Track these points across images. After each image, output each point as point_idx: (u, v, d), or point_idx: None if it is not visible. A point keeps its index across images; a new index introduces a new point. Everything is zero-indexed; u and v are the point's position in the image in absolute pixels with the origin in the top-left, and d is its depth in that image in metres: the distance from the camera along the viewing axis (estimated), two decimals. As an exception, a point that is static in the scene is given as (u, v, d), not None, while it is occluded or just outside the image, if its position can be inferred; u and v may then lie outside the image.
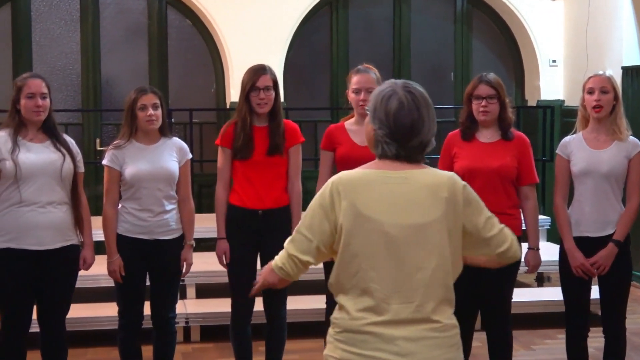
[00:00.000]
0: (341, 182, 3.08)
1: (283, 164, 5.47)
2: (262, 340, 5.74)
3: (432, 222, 3.06)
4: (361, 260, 3.04)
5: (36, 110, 5.07)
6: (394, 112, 3.08)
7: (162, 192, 5.38)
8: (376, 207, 3.04)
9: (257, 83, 5.38)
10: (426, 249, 3.06)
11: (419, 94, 3.13)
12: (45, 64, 9.73)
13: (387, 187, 3.06)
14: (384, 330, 3.00)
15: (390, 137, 3.10)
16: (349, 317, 3.06)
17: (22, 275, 5.06)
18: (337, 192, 3.07)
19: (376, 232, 3.03)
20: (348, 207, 3.04)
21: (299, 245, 3.15)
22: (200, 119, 9.74)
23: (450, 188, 3.12)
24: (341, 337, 3.08)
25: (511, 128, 5.35)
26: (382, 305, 3.02)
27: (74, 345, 6.02)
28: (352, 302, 3.06)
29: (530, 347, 7.08)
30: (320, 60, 10.36)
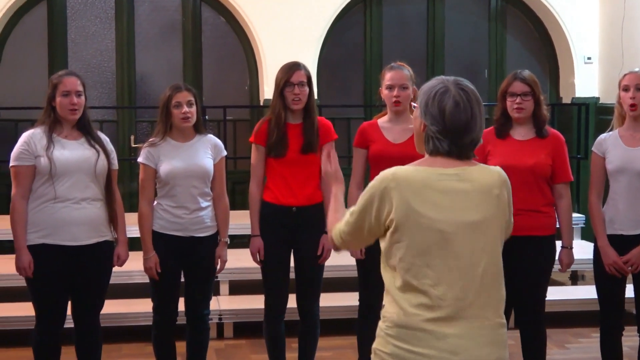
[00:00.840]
0: (395, 177, 3.06)
1: (317, 162, 5.47)
2: (295, 337, 5.75)
3: (485, 220, 3.08)
4: (414, 257, 3.03)
5: (71, 108, 5.11)
6: (449, 111, 3.07)
7: (197, 189, 5.40)
8: (430, 205, 3.03)
9: (291, 79, 5.39)
10: (479, 246, 3.06)
11: (472, 91, 3.12)
12: (80, 61, 9.79)
13: (441, 184, 3.05)
14: (436, 328, 2.99)
15: (443, 134, 3.09)
16: (402, 313, 3.04)
17: (57, 271, 5.10)
18: (389, 187, 3.05)
19: (430, 230, 3.02)
20: (401, 203, 3.03)
21: (351, 230, 3.21)
22: (233, 116, 9.76)
23: (501, 185, 3.15)
24: (393, 332, 3.06)
25: (546, 126, 5.33)
26: (436, 302, 3.00)
27: (109, 341, 6.06)
28: (406, 298, 3.05)
29: (564, 346, 7.05)
30: (354, 57, 10.35)
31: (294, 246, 5.50)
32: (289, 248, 5.52)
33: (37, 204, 5.09)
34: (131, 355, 6.86)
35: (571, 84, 10.40)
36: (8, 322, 7.08)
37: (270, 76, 5.91)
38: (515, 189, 5.02)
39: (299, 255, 5.54)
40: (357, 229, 3.19)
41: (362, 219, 3.15)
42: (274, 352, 5.67)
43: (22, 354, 6.57)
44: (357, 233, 3.20)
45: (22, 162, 5.08)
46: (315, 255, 5.47)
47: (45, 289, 5.13)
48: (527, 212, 5.09)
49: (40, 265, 5.07)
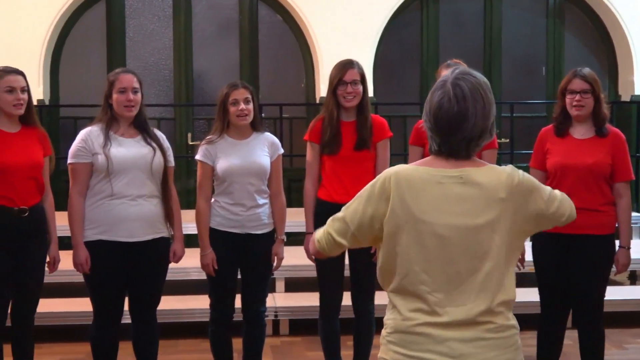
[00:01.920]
0: (396, 178, 2.96)
1: (371, 159, 5.46)
2: (351, 335, 5.74)
3: (486, 224, 2.91)
4: (412, 261, 2.93)
5: (128, 104, 5.15)
6: (435, 105, 2.96)
7: (254, 187, 5.41)
8: (428, 208, 2.92)
9: (344, 77, 5.38)
10: (480, 251, 2.91)
11: (471, 86, 2.95)
12: (138, 59, 9.87)
13: (442, 187, 2.93)
14: (435, 331, 2.90)
15: (433, 131, 2.98)
16: (400, 318, 2.97)
17: (114, 267, 5.15)
18: (388, 188, 2.96)
19: (427, 233, 2.91)
20: (399, 206, 2.93)
21: (338, 226, 3.09)
22: (290, 114, 9.78)
23: (508, 188, 2.93)
24: (392, 338, 2.99)
25: (606, 124, 5.27)
26: (434, 308, 2.90)
27: (165, 336, 6.11)
28: (403, 302, 2.97)
29: (622, 346, 6.97)
30: (410, 55, 10.31)
31: (349, 244, 5.50)
32: (344, 246, 5.51)
33: (94, 201, 5.14)
34: (187, 351, 6.91)
35: (630, 81, 10.26)
36: (66, 317, 7.16)
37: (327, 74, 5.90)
38: (573, 188, 5.04)
39: (353, 253, 5.53)
40: (347, 227, 3.06)
41: (355, 215, 3.04)
42: (329, 350, 5.67)
43: (80, 349, 6.65)
44: (347, 231, 3.06)
45: (79, 160, 5.14)
46: (369, 252, 5.46)
47: (103, 285, 5.18)
48: (585, 211, 5.04)
49: (97, 261, 5.12)
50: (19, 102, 5.13)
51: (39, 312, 5.52)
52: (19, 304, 5.26)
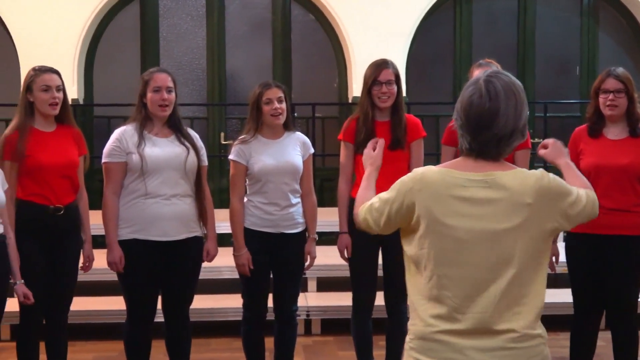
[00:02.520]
0: (422, 179, 2.95)
1: (405, 159, 5.45)
2: (383, 335, 5.74)
3: (510, 229, 2.87)
4: (436, 267, 2.91)
5: (162, 104, 5.17)
6: (466, 101, 2.94)
7: (288, 186, 5.42)
8: (450, 211, 2.89)
9: (379, 77, 5.38)
10: (503, 256, 2.87)
11: (503, 84, 2.92)
12: (171, 59, 9.92)
13: (467, 191, 2.89)
14: (454, 340, 2.87)
15: (464, 129, 2.95)
16: (421, 324, 2.94)
17: (148, 266, 5.18)
18: (414, 189, 2.95)
19: (451, 239, 2.89)
20: (423, 209, 2.92)
21: (372, 213, 3.15)
22: (322, 114, 9.77)
23: (535, 192, 2.89)
24: (413, 344, 2.97)
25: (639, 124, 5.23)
26: (455, 315, 2.87)
27: (198, 335, 6.13)
28: (426, 308, 2.94)
29: (656, 348, 6.91)
30: (443, 54, 10.29)
31: (382, 243, 5.49)
32: (377, 245, 5.51)
33: (128, 200, 5.17)
34: (220, 350, 6.93)
35: (665, 81, 10.18)
36: (100, 315, 7.21)
37: (359, 73, 5.91)
38: (607, 189, 5.01)
39: (386, 253, 5.53)
40: (378, 215, 3.10)
41: (384, 207, 3.06)
42: (361, 349, 5.67)
43: (114, 347, 6.68)
44: (377, 219, 3.12)
45: (113, 159, 5.17)
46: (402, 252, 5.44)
47: (136, 284, 5.21)
48: (619, 212, 5.01)
49: (131, 260, 5.15)
50: (55, 101, 5.16)
51: (73, 310, 5.56)
52: (53, 302, 5.29)
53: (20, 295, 4.99)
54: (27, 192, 5.13)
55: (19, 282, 4.99)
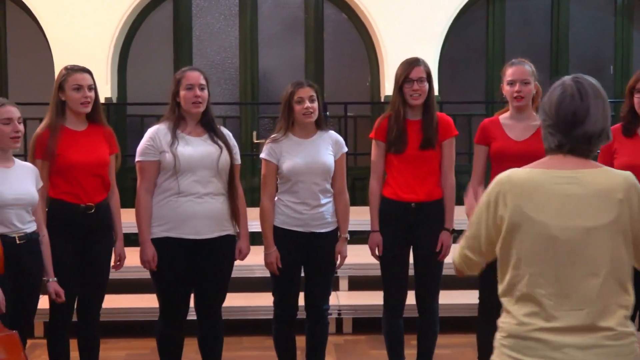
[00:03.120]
0: (509, 181, 2.95)
1: (436, 158, 5.44)
2: (415, 334, 5.73)
3: (604, 226, 2.88)
4: (528, 265, 2.91)
5: (195, 100, 5.19)
6: (556, 100, 2.96)
7: (319, 186, 5.42)
8: (544, 210, 2.89)
9: (410, 75, 5.37)
10: (598, 253, 2.87)
11: (588, 84, 2.97)
12: (204, 58, 9.95)
13: (557, 188, 2.91)
14: (551, 337, 2.86)
15: (554, 127, 2.96)
16: (515, 322, 2.93)
17: (180, 264, 5.20)
18: (503, 192, 2.95)
19: (544, 237, 2.89)
20: (514, 209, 2.91)
21: (468, 242, 3.09)
22: (354, 113, 9.77)
23: (625, 189, 2.91)
24: (506, 342, 2.95)
25: (675, 123, 5.20)
26: (551, 312, 2.87)
27: (230, 333, 6.14)
28: (518, 307, 2.94)
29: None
30: (476, 53, 10.25)
31: (413, 242, 5.49)
32: (408, 244, 5.50)
33: (161, 198, 5.19)
34: (251, 348, 6.94)
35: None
36: (133, 313, 7.25)
37: (392, 72, 5.90)
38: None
39: (418, 252, 5.52)
40: (475, 241, 3.05)
41: (479, 227, 3.03)
42: (393, 349, 5.67)
43: (146, 345, 6.72)
44: (476, 245, 3.06)
45: (147, 158, 5.19)
46: (434, 251, 5.45)
47: (169, 282, 5.23)
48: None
49: (163, 258, 5.17)
50: (86, 100, 5.19)
51: (106, 307, 5.59)
52: (84, 300, 5.33)
53: (52, 292, 5.03)
54: (58, 191, 5.16)
55: (51, 280, 5.03)
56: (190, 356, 5.96)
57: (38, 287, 5.04)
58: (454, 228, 5.51)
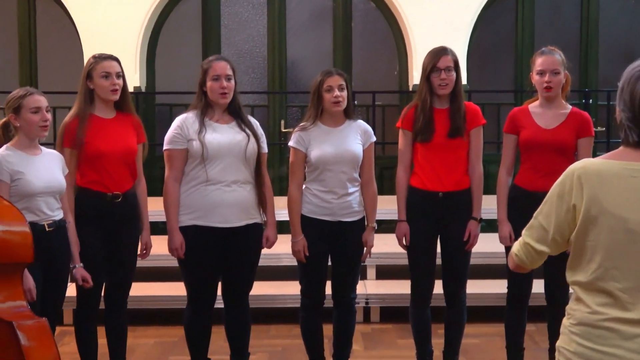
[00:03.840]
0: (584, 172, 2.87)
1: (464, 147, 5.42)
2: (442, 323, 5.72)
3: None
4: (602, 257, 2.86)
5: (221, 91, 5.20)
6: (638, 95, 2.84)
7: (346, 175, 5.41)
8: (620, 203, 2.82)
9: (438, 64, 5.35)
10: None
11: None
12: (233, 47, 9.96)
13: (634, 181, 2.83)
14: (624, 328, 2.82)
15: (634, 122, 2.85)
16: (587, 311, 2.89)
17: (208, 252, 5.21)
18: (578, 183, 2.87)
19: (620, 229, 2.82)
20: (590, 201, 2.84)
21: (535, 234, 3.01)
22: (383, 102, 9.76)
23: None
24: (577, 329, 2.91)
25: None
26: (625, 305, 2.82)
27: (258, 321, 6.17)
28: (592, 296, 2.89)
29: None
30: (505, 42, 10.19)
31: (441, 232, 5.47)
32: (436, 233, 5.49)
33: (189, 187, 5.21)
34: (279, 336, 6.96)
35: None
36: (161, 301, 7.29)
37: (420, 61, 5.86)
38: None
39: (445, 241, 5.51)
40: (543, 232, 2.98)
41: (548, 218, 2.96)
42: (420, 338, 5.66)
43: (174, 333, 6.75)
44: (544, 236, 2.98)
45: (175, 146, 5.21)
46: (461, 241, 5.43)
47: (197, 270, 5.25)
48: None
49: (191, 246, 5.19)
50: (115, 88, 5.21)
51: (133, 295, 5.62)
52: (112, 288, 5.36)
53: (79, 278, 5.06)
54: (86, 180, 5.18)
55: (78, 266, 5.06)
56: (218, 344, 5.98)
57: (67, 274, 5.07)
58: (481, 217, 5.50)
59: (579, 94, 9.43)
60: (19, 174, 4.77)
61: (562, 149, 5.29)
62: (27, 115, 4.82)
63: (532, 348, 6.24)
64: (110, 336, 5.47)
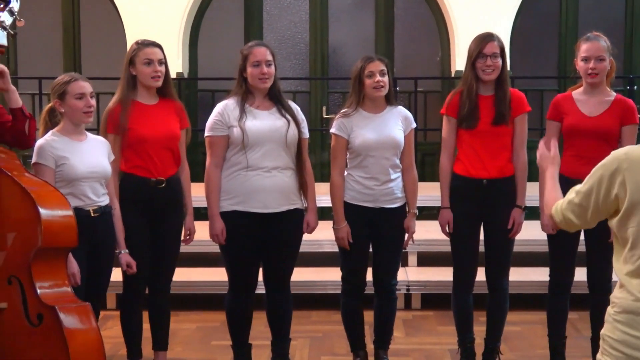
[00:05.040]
0: (627, 159, 2.90)
1: (508, 134, 5.39)
2: (484, 310, 5.70)
3: None
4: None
5: (262, 77, 5.20)
6: None
7: (388, 161, 5.40)
8: None
9: (483, 50, 5.31)
10: None
11: None
12: (274, 33, 9.97)
13: None
14: None
15: None
16: (631, 298, 2.91)
17: (249, 238, 5.22)
18: (621, 168, 2.91)
19: None
20: (633, 187, 2.87)
21: (574, 210, 3.09)
22: (424, 88, 9.72)
23: None
24: (621, 317, 2.93)
25: None
26: None
27: (298, 307, 6.17)
28: (636, 284, 2.91)
29: None
30: (549, 27, 10.11)
31: (484, 219, 5.45)
32: (479, 220, 5.46)
33: (230, 173, 5.22)
34: (320, 322, 6.97)
35: None
36: (203, 286, 7.33)
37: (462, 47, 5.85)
38: None
39: (488, 229, 5.48)
40: (581, 209, 3.06)
41: (587, 199, 3.02)
42: (462, 325, 5.64)
43: (216, 318, 6.78)
44: (581, 213, 3.06)
45: (216, 133, 5.22)
46: (505, 228, 5.40)
47: (238, 255, 5.27)
48: None
49: (232, 232, 5.21)
50: (157, 74, 5.23)
51: (177, 280, 5.65)
52: (155, 273, 5.38)
53: (123, 264, 5.11)
54: (130, 165, 5.22)
55: (123, 252, 5.11)
56: (259, 329, 6.00)
57: (111, 260, 5.11)
58: (525, 205, 5.46)
59: (624, 81, 9.34)
60: (64, 159, 4.81)
61: (605, 137, 5.25)
62: (71, 101, 4.86)
63: (574, 336, 6.20)
64: (153, 321, 5.52)
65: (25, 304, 4.35)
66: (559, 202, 3.16)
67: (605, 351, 2.97)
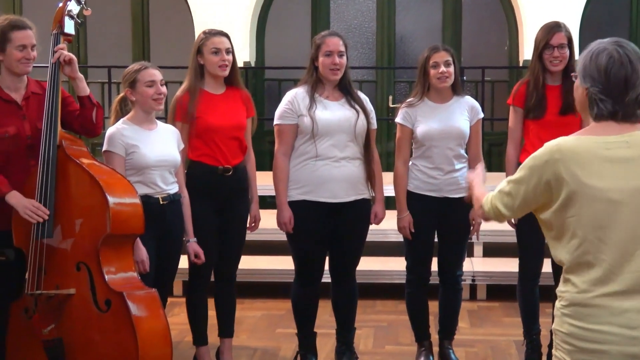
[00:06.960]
0: (559, 150, 2.91)
1: (576, 124, 5.33)
2: (549, 302, 5.65)
3: None
4: (585, 231, 2.88)
5: (333, 67, 5.21)
6: (605, 66, 2.92)
7: (453, 151, 5.38)
8: (597, 174, 2.87)
9: (551, 40, 5.27)
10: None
11: (632, 49, 2.95)
12: (342, 22, 9.97)
13: (609, 153, 2.89)
14: (612, 303, 2.84)
15: (605, 93, 2.92)
16: (575, 290, 2.92)
17: (316, 227, 5.25)
18: (554, 159, 2.91)
19: (599, 201, 2.86)
20: (568, 177, 2.88)
21: (502, 198, 3.10)
22: (492, 77, 9.65)
23: None
24: (568, 311, 2.94)
25: None
26: (611, 276, 2.85)
27: (364, 296, 6.19)
28: (578, 275, 2.92)
29: None
30: (619, 16, 9.97)
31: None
32: (545, 211, 5.42)
33: (298, 162, 5.25)
34: (385, 311, 6.99)
35: None
36: (269, 274, 7.38)
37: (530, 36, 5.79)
38: None
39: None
40: (510, 198, 3.07)
41: (517, 188, 3.03)
42: (528, 316, 5.61)
43: (282, 306, 6.83)
44: (509, 202, 3.07)
45: (285, 121, 5.25)
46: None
47: (304, 244, 5.30)
48: None
49: (300, 221, 5.23)
50: (224, 63, 5.27)
51: (242, 268, 5.70)
52: (221, 260, 5.43)
53: (191, 253, 5.16)
54: (197, 153, 5.27)
55: (191, 240, 5.16)
56: (325, 318, 6.03)
57: (180, 248, 5.17)
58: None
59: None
60: (134, 147, 4.87)
61: None
62: (142, 89, 4.92)
63: None
64: (219, 308, 5.57)
65: (94, 290, 4.43)
66: (491, 193, 3.19)
67: (558, 346, 2.99)
